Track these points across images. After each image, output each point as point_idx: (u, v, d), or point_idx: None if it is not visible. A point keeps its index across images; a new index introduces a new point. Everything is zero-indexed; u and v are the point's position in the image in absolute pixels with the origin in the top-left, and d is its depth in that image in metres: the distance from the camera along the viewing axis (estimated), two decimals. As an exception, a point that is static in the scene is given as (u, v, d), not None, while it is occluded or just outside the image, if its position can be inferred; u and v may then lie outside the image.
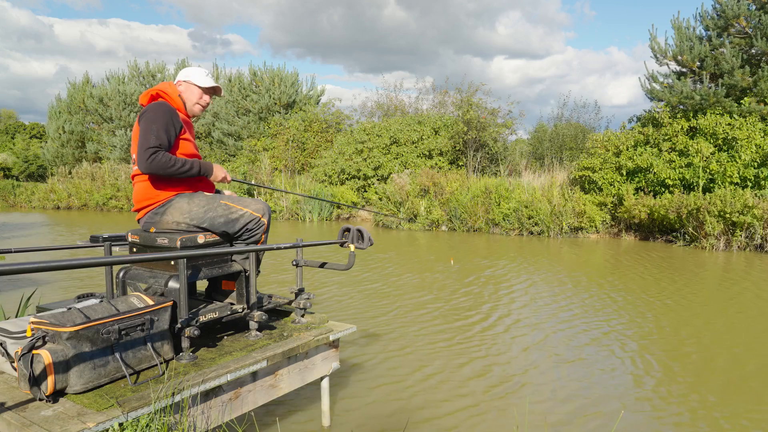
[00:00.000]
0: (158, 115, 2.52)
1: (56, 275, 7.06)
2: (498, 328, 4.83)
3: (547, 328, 4.84)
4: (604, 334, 4.64)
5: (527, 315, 5.28)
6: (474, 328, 4.82)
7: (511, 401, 3.32)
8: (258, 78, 21.98)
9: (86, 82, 24.87)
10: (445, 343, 4.39)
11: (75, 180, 21.26)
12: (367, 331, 4.68)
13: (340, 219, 15.02)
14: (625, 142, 11.55)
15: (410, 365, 3.90)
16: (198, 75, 2.78)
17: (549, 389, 3.50)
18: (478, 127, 14.97)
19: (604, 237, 11.13)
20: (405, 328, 4.80)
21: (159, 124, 2.49)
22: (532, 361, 4.00)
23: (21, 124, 45.22)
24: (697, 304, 5.67)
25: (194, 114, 2.82)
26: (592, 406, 3.25)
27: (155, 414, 1.95)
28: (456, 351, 4.21)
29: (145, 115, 2.53)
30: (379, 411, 3.19)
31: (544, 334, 4.67)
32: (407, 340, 4.47)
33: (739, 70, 10.58)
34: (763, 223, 8.98)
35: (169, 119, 2.54)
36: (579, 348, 4.31)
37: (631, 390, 3.49)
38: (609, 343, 4.41)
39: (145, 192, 2.59)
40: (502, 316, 5.23)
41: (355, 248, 2.85)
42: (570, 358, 4.08)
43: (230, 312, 2.64)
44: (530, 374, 3.75)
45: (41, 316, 2.04)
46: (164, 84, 2.74)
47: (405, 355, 4.10)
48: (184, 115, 2.75)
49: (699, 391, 3.47)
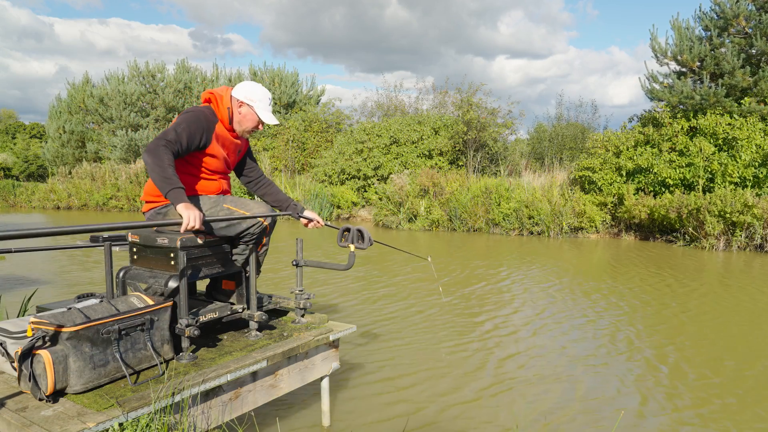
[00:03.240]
0: (191, 119, 2.50)
1: (56, 275, 7.06)
2: (498, 328, 4.83)
3: (548, 328, 4.84)
4: (604, 334, 4.64)
5: (527, 315, 5.28)
6: (474, 328, 4.82)
7: (511, 401, 3.32)
8: (258, 78, 21.99)
9: (86, 82, 24.85)
10: (446, 343, 4.39)
11: (75, 180, 21.26)
12: (367, 331, 4.69)
13: (340, 219, 15.02)
14: (626, 142, 11.55)
15: (410, 365, 3.90)
16: (263, 102, 2.65)
17: (549, 389, 3.50)
18: (478, 127, 14.97)
19: (604, 237, 11.13)
20: (405, 327, 4.80)
21: (186, 125, 2.46)
22: (533, 361, 4.00)
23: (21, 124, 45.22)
24: (698, 304, 5.67)
25: (240, 134, 2.72)
26: (592, 406, 3.25)
27: (155, 414, 1.95)
28: (456, 351, 4.21)
29: (184, 114, 2.53)
30: (379, 411, 3.19)
31: (545, 334, 4.67)
32: (407, 339, 4.47)
33: (739, 70, 10.59)
34: (763, 223, 8.98)
35: (198, 128, 2.50)
36: (579, 348, 4.31)
37: (632, 390, 3.49)
38: (609, 343, 4.41)
39: (153, 188, 2.60)
40: (502, 316, 5.23)
41: (355, 248, 2.85)
42: (570, 358, 4.08)
43: (230, 312, 2.64)
44: (530, 374, 3.75)
45: (41, 316, 2.04)
46: (222, 89, 2.67)
47: (405, 355, 4.10)
48: (225, 127, 2.65)
49: (701, 392, 3.47)
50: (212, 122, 2.59)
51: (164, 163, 2.34)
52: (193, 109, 2.57)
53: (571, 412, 3.18)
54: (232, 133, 2.71)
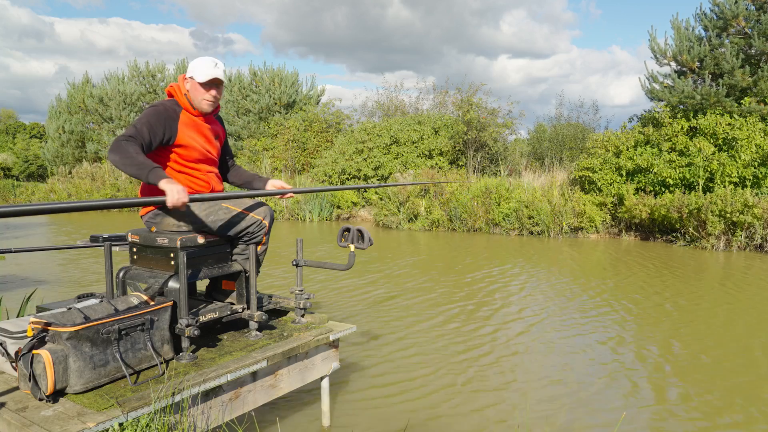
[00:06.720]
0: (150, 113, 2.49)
1: (56, 275, 7.06)
2: (499, 329, 4.83)
3: (549, 328, 4.84)
4: (606, 335, 4.64)
5: (528, 315, 5.28)
6: (475, 328, 4.82)
7: (512, 401, 3.32)
8: (258, 78, 21.98)
9: (86, 81, 24.86)
10: (446, 343, 4.39)
11: (75, 180, 21.28)
12: (367, 331, 4.69)
13: (340, 219, 15.02)
14: (626, 142, 11.55)
15: (411, 365, 3.90)
16: (197, 69, 2.62)
17: (551, 389, 3.50)
18: (478, 127, 14.98)
19: (604, 237, 11.13)
20: (405, 327, 4.80)
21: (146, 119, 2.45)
22: (534, 361, 4.00)
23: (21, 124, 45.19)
24: (699, 304, 5.67)
25: (204, 110, 2.66)
26: (594, 407, 3.25)
27: (155, 414, 1.95)
28: (457, 350, 4.21)
29: (145, 110, 2.52)
30: (380, 411, 3.19)
31: (546, 334, 4.67)
32: (408, 339, 4.47)
33: (739, 70, 10.58)
34: (763, 223, 8.98)
35: (158, 120, 2.47)
36: (581, 348, 4.31)
37: (633, 390, 3.49)
38: (611, 344, 4.41)
39: (150, 190, 2.57)
40: (502, 316, 5.23)
41: (355, 248, 2.85)
42: (572, 358, 4.08)
43: (230, 312, 2.64)
44: (532, 374, 3.75)
45: (41, 316, 2.05)
46: (179, 79, 2.67)
47: (405, 355, 4.10)
48: (191, 113, 2.63)
49: (703, 393, 3.47)
50: (175, 111, 2.56)
51: (131, 153, 2.29)
52: (153, 104, 2.55)
53: (573, 412, 3.18)
54: (200, 117, 2.66)
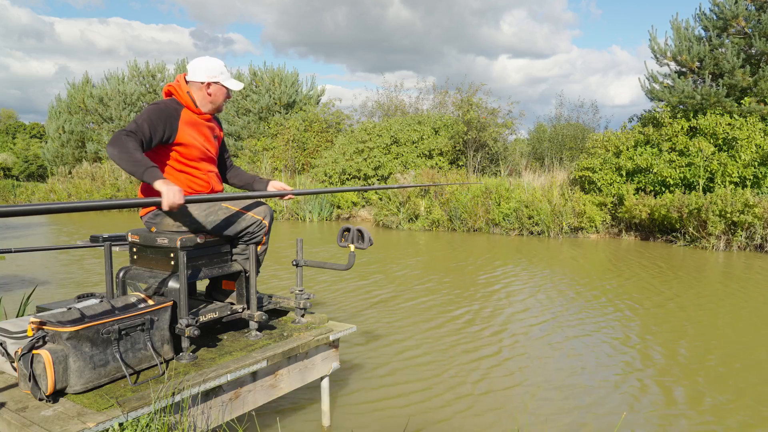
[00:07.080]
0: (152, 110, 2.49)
1: (56, 275, 7.06)
2: (500, 329, 4.83)
3: (549, 329, 4.84)
4: (611, 336, 4.64)
5: (528, 316, 5.28)
6: (475, 328, 4.82)
7: (512, 402, 3.32)
8: (258, 78, 21.98)
9: (86, 81, 24.86)
10: (446, 343, 4.38)
11: (75, 180, 21.27)
12: (367, 331, 4.68)
13: (340, 219, 15.02)
14: (625, 142, 11.55)
15: (411, 365, 3.90)
16: (225, 75, 2.61)
17: (551, 390, 3.50)
18: (479, 127, 14.98)
19: (604, 237, 11.13)
20: (405, 328, 4.80)
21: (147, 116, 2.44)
22: (534, 362, 4.00)
23: (21, 124, 45.19)
24: (702, 304, 5.67)
25: (208, 111, 2.66)
26: (595, 407, 3.25)
27: (155, 414, 1.95)
28: (457, 351, 4.21)
29: (146, 108, 2.52)
30: (380, 411, 3.19)
31: (546, 335, 4.67)
32: (409, 340, 4.47)
33: (739, 70, 10.58)
34: (764, 223, 8.98)
35: (159, 117, 2.47)
36: (581, 349, 4.31)
37: (634, 391, 3.49)
38: (617, 345, 4.41)
39: (149, 191, 2.57)
40: (503, 317, 5.22)
41: (355, 248, 2.85)
42: (572, 359, 4.08)
43: (230, 312, 2.64)
44: (532, 375, 3.75)
45: (41, 316, 2.05)
46: (177, 78, 2.65)
47: (405, 355, 4.10)
48: (193, 111, 2.61)
49: (704, 393, 3.47)
50: (176, 110, 2.55)
51: (130, 149, 2.28)
52: (154, 102, 2.55)
53: (573, 413, 3.18)
54: (202, 115, 2.65)
